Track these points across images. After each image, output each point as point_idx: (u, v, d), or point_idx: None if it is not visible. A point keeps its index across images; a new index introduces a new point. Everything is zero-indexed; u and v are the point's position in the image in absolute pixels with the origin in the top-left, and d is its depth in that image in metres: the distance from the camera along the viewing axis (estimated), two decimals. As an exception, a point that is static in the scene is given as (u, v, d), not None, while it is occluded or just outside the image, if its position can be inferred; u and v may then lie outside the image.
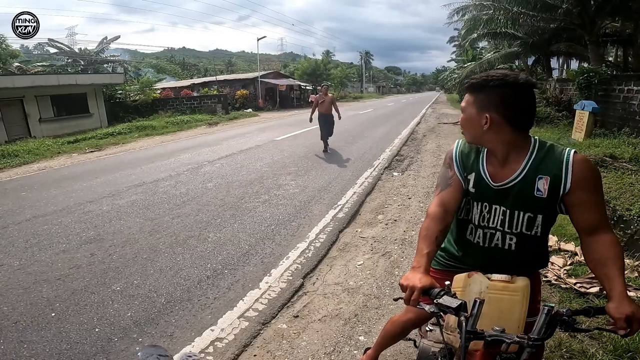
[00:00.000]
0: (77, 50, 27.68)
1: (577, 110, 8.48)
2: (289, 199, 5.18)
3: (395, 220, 4.37)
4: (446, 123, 15.18)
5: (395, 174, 6.74)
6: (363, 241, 3.82)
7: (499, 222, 1.26)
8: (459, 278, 1.24)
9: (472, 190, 1.29)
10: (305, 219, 4.43)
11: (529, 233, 1.23)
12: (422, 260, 1.16)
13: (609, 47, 15.41)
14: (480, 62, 20.94)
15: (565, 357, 2.03)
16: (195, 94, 22.28)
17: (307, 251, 3.57)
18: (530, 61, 18.55)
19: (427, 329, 1.82)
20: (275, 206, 4.89)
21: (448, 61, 42.50)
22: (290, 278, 3.08)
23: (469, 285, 1.23)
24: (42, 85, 13.98)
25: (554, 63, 17.70)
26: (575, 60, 17.74)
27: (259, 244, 3.71)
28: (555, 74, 17.30)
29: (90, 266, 3.32)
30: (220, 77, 30.34)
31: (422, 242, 1.21)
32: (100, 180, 6.61)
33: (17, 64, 19.69)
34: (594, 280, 2.57)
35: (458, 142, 1.36)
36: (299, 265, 3.29)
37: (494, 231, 1.28)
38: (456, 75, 33.64)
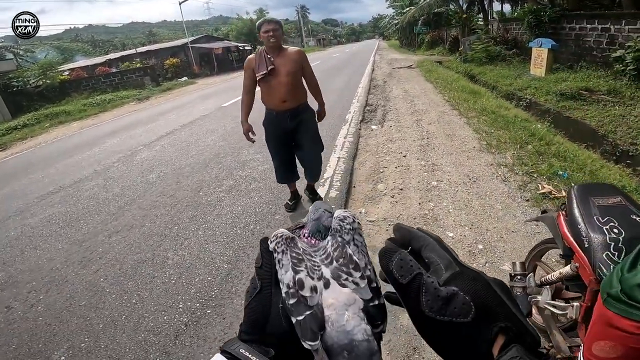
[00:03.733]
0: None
1: (533, 48, 8.61)
2: (260, 181, 4.08)
3: (401, 189, 3.49)
4: (400, 67, 14.39)
5: (373, 127, 5.82)
6: (374, 227, 2.90)
7: None
8: None
9: None
10: (290, 205, 3.40)
11: None
12: None
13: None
14: (420, 6, 20.39)
15: None
16: (114, 70, 19.48)
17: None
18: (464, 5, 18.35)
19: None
20: (245, 193, 3.79)
21: (387, 8, 41.46)
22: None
23: None
24: None
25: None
26: (497, 2, 17.70)
27: (240, 258, 2.64)
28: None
29: (10, 326, 2.16)
30: (142, 49, 26.96)
31: None
32: (4, 192, 4.99)
33: None
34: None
35: None
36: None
37: None
38: (396, 21, 32.80)
